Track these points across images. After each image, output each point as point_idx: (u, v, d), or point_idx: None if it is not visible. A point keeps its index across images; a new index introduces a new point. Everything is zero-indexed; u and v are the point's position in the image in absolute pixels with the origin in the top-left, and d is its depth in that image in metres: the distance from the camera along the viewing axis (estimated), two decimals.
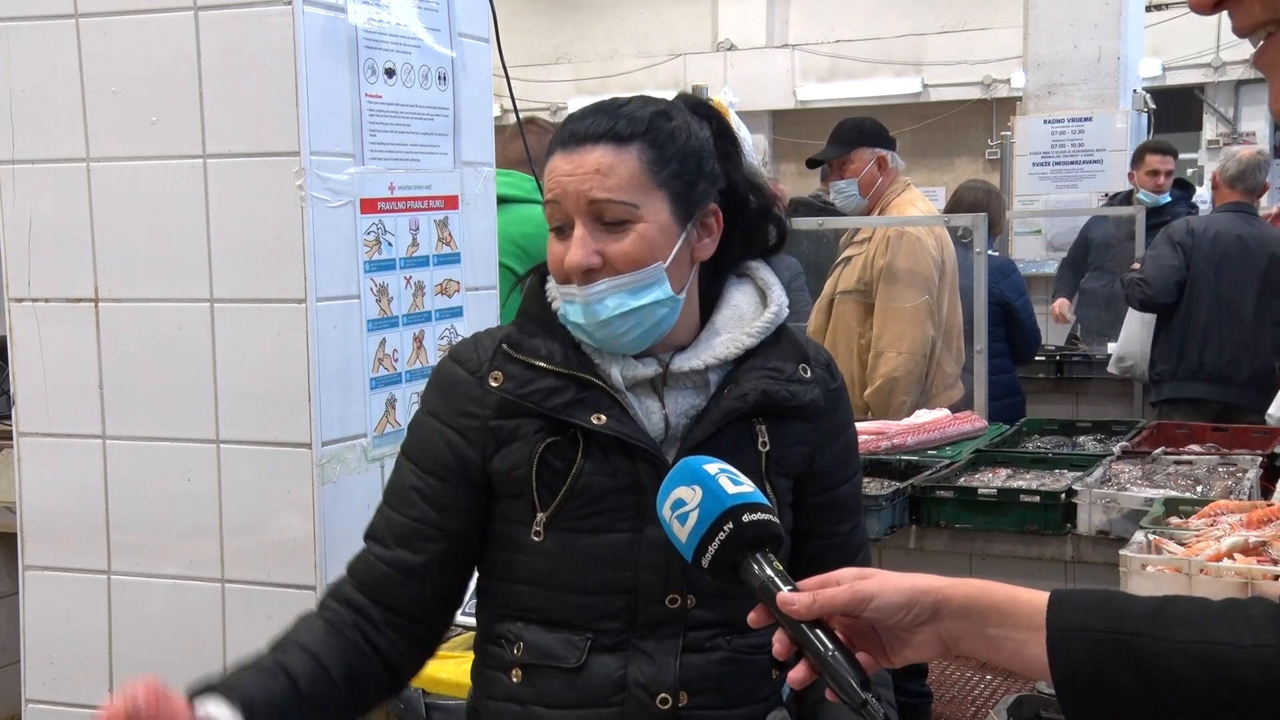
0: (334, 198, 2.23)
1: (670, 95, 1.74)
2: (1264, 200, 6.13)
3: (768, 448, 1.66)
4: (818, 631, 1.21)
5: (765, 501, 1.31)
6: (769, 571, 1.26)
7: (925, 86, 16.06)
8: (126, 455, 2.34)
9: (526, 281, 1.76)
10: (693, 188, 1.65)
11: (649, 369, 1.66)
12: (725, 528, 1.27)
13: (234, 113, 2.20)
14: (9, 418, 2.45)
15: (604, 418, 1.61)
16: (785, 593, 1.23)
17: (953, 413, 4.04)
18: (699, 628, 1.64)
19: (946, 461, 3.62)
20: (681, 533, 1.31)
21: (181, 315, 2.27)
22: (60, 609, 2.41)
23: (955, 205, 5.47)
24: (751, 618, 1.27)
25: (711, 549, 1.28)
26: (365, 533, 1.73)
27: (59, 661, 2.42)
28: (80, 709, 2.41)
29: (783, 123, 16.59)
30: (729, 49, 16.74)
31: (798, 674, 1.21)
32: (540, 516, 1.63)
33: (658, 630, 1.63)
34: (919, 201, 4.44)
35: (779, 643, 1.23)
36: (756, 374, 1.66)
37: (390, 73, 2.34)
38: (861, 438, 3.73)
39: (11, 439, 2.42)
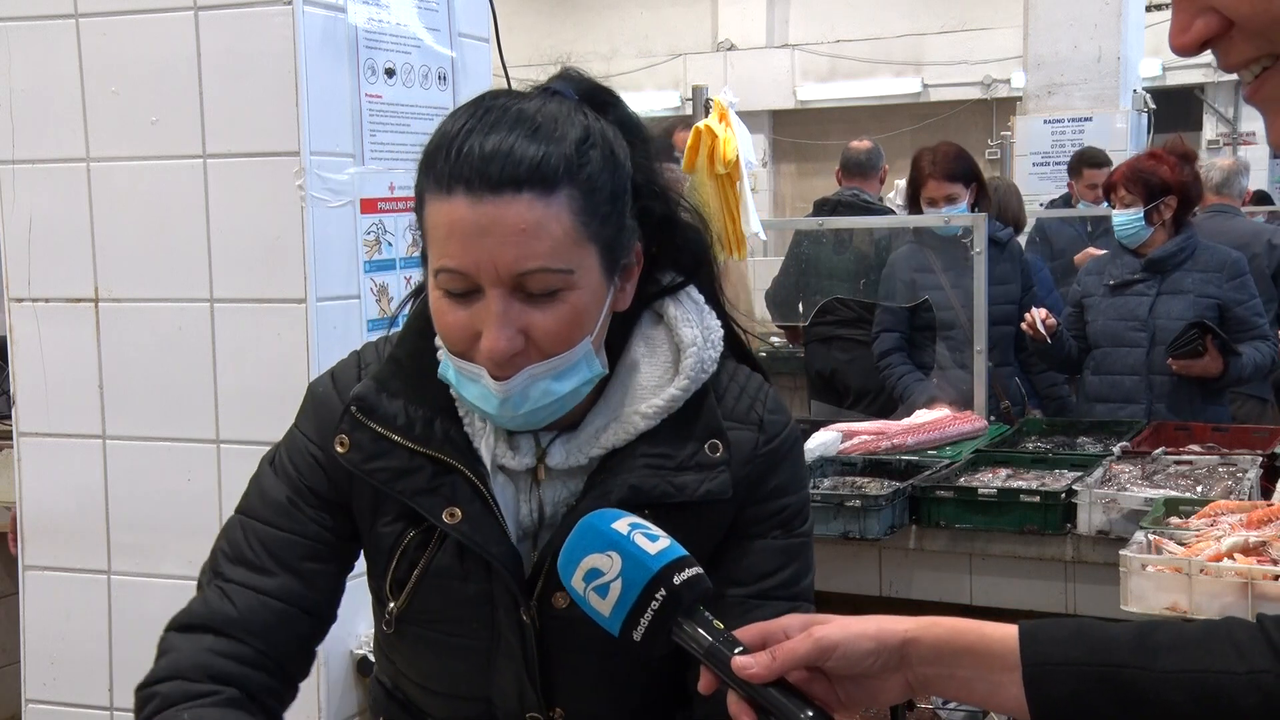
0: (334, 198, 2.23)
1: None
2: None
3: None
4: (782, 694, 1.08)
5: (687, 553, 1.13)
6: (712, 634, 1.11)
7: (925, 86, 16.04)
8: (126, 455, 2.34)
9: (413, 303, 1.43)
10: (622, 230, 1.29)
11: (522, 461, 1.35)
12: (657, 596, 1.10)
13: (234, 113, 2.20)
14: (9, 418, 2.45)
15: (459, 514, 1.32)
16: (740, 657, 1.08)
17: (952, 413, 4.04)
18: None
19: (946, 461, 3.61)
20: (603, 606, 1.11)
21: (181, 315, 2.27)
22: (60, 609, 2.41)
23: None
24: (701, 685, 1.12)
25: (644, 621, 1.10)
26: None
27: (59, 661, 2.42)
28: (80, 709, 2.41)
29: (783, 123, 16.58)
30: (729, 49, 16.72)
31: None
32: (391, 607, 1.39)
33: None
34: None
35: (743, 713, 1.09)
36: (633, 461, 1.32)
37: (390, 73, 2.34)
38: (861, 438, 3.75)
39: (11, 439, 2.42)
